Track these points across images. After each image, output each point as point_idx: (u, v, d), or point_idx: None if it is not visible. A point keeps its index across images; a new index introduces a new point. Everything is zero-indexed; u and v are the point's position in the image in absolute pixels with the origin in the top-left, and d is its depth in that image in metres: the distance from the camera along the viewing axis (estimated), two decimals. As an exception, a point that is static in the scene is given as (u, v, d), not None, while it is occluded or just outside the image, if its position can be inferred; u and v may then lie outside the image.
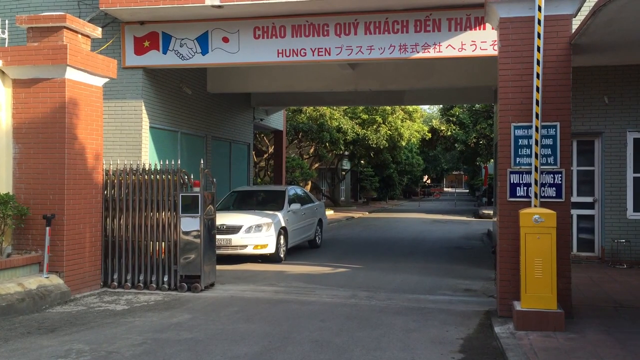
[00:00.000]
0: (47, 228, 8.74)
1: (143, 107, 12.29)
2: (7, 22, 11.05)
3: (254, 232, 12.53)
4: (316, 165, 33.41)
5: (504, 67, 7.56)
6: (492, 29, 10.50)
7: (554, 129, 7.40)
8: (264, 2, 10.76)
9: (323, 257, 14.00)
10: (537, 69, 7.30)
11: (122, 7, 11.20)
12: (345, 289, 9.83)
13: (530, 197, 7.40)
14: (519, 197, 7.44)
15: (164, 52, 11.98)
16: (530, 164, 7.43)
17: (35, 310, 8.06)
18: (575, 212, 11.27)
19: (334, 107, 29.80)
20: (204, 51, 11.83)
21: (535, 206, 7.19)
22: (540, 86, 7.28)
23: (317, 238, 15.74)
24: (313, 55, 11.42)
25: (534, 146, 7.30)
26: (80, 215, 9.28)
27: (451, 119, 35.54)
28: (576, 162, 11.64)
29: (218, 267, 10.49)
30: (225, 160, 17.62)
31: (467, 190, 67.17)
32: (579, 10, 7.54)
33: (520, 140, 7.49)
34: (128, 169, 9.98)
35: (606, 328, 6.81)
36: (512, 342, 6.29)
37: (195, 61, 11.97)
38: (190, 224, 9.56)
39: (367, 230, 22.00)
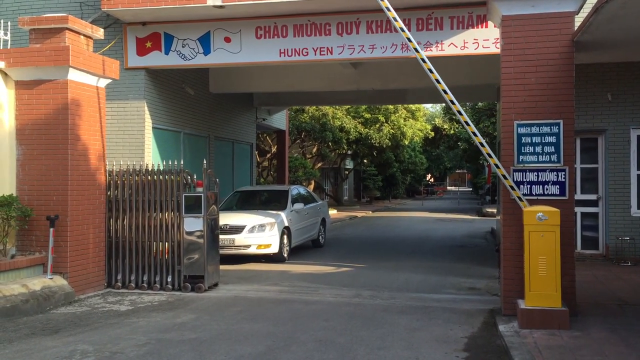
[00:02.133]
0: (51, 229, 8.75)
1: (146, 108, 12.31)
2: (9, 23, 11.05)
3: (257, 231, 12.54)
4: (319, 164, 33.41)
5: (507, 65, 7.54)
6: (495, 27, 10.47)
7: (557, 127, 7.38)
8: (266, 2, 10.75)
9: (326, 256, 13.99)
10: (441, 87, 7.41)
11: (124, 8, 11.22)
12: (348, 288, 9.82)
13: (534, 195, 7.38)
14: (523, 195, 7.41)
15: (166, 53, 11.98)
16: (534, 162, 7.42)
17: (39, 311, 8.07)
18: (579, 210, 11.24)
19: (337, 107, 29.79)
20: (206, 51, 11.84)
21: (524, 207, 7.19)
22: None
23: (320, 237, 15.73)
24: (315, 54, 11.42)
25: (487, 149, 7.34)
26: (84, 216, 9.29)
27: (454, 117, 35.46)
28: (579, 160, 11.61)
29: (221, 267, 10.49)
30: (228, 161, 17.63)
31: (471, 189, 67.14)
32: (581, 7, 7.52)
33: (523, 138, 7.47)
34: (131, 170, 9.99)
35: (611, 326, 6.79)
36: (516, 341, 6.27)
37: (197, 61, 11.97)
38: (193, 224, 9.56)
39: (371, 229, 21.99)
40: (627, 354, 5.79)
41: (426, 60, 7.46)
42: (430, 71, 7.47)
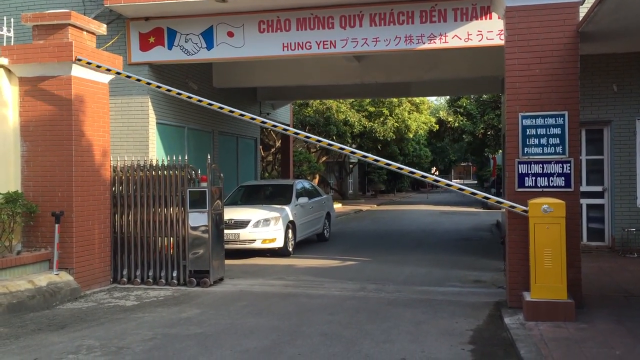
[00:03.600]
0: (56, 225, 8.78)
1: (149, 103, 12.31)
2: (12, 20, 11.06)
3: (262, 226, 12.54)
4: (324, 158, 33.39)
5: (511, 56, 7.50)
6: (499, 18, 10.39)
7: (562, 118, 7.35)
8: (268, -5, 10.72)
9: (331, 250, 13.99)
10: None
11: (126, 3, 11.20)
12: (354, 281, 9.82)
13: (539, 187, 7.35)
14: (528, 187, 7.40)
15: (169, 48, 11.97)
16: (539, 154, 7.38)
17: (45, 307, 8.10)
18: (584, 202, 11.19)
19: (341, 100, 29.74)
20: (209, 46, 11.82)
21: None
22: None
23: (325, 231, 15.73)
24: (318, 48, 11.38)
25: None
26: (89, 211, 9.31)
27: (458, 110, 35.33)
28: (585, 151, 11.56)
29: (227, 261, 10.50)
30: (233, 155, 17.63)
31: (476, 182, 66.98)
32: (586, -3, 7.48)
33: (528, 130, 7.44)
34: (135, 165, 10.00)
35: (617, 317, 6.77)
36: (522, 333, 6.26)
37: (200, 56, 11.96)
38: (198, 219, 9.57)
39: (376, 223, 21.98)
40: (634, 345, 5.77)
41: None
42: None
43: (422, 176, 7.94)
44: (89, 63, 9.05)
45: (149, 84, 9.39)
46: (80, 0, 12.21)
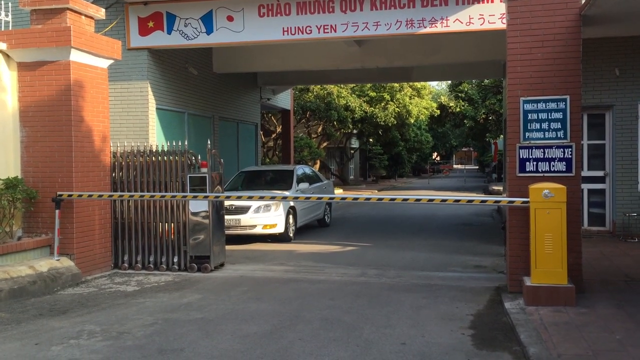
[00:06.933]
0: (57, 211, 8.77)
1: (149, 88, 12.26)
2: (10, 4, 10.98)
3: (263, 211, 12.54)
4: (324, 144, 33.32)
5: (513, 40, 7.43)
6: (501, 1, 10.34)
7: (563, 103, 7.30)
8: (268, -21, 10.62)
9: (332, 235, 14.01)
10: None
11: (125, -13, 11.11)
12: (354, 267, 9.83)
13: (540, 172, 7.32)
14: (529, 172, 7.37)
15: (169, 32, 11.89)
16: (540, 139, 7.35)
17: (46, 292, 8.12)
18: (585, 187, 11.18)
19: (342, 85, 29.62)
20: (209, 30, 11.74)
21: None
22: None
23: (326, 217, 15.74)
24: (319, 32, 11.30)
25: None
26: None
27: (460, 95, 35.17)
28: (586, 136, 11.52)
29: (227, 247, 10.51)
30: (233, 141, 17.60)
31: (477, 167, 66.94)
32: (588, -20, 7.38)
33: (529, 115, 7.39)
34: (135, 151, 9.97)
35: (617, 302, 6.77)
36: (522, 318, 6.27)
37: (200, 41, 11.89)
38: (198, 205, 9.56)
39: (376, 208, 21.96)
40: (634, 329, 5.77)
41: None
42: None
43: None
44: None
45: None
46: (79, -16, 12.10)
